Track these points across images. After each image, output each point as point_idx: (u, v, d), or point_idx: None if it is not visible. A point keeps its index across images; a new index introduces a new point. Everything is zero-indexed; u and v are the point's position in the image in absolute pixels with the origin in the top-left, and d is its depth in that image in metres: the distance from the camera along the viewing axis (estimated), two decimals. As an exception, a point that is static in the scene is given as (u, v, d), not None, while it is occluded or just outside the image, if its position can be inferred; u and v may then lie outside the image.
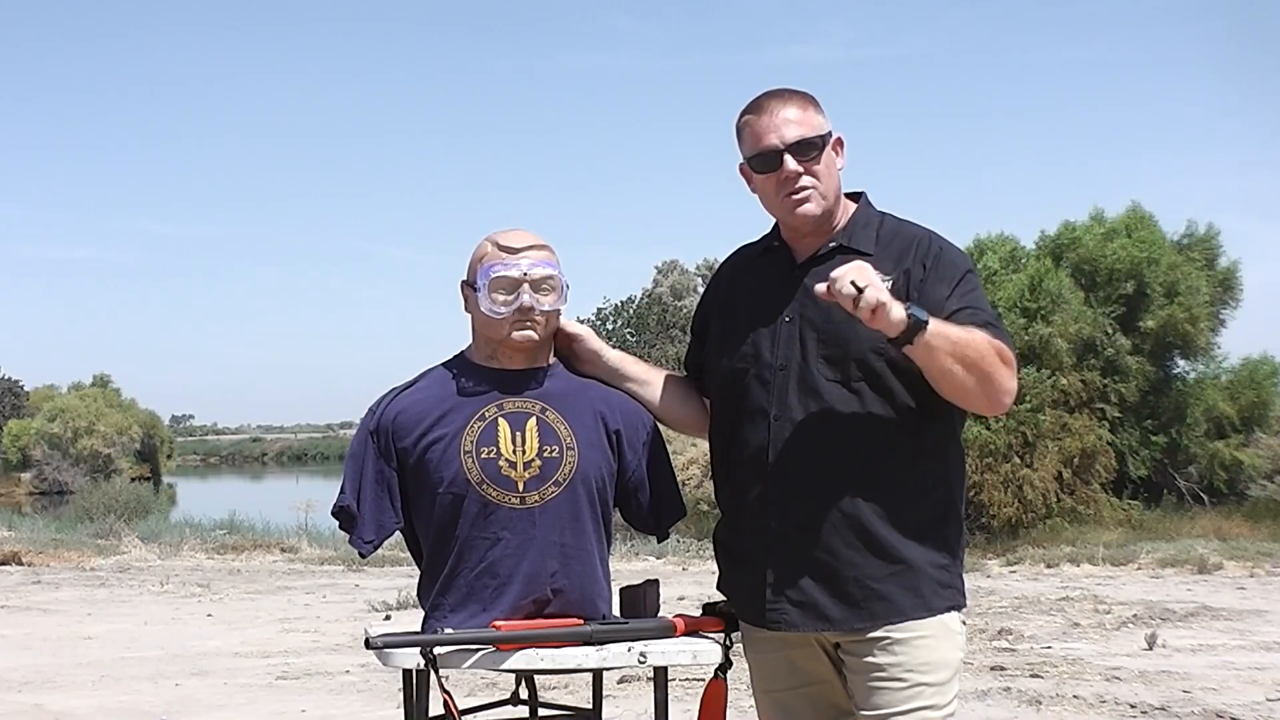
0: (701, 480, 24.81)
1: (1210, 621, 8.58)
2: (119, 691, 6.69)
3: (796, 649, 2.56)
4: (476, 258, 2.77)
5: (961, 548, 2.58)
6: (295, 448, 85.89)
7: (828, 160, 2.54)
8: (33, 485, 44.81)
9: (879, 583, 2.45)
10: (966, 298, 2.47)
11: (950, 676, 2.48)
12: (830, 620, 2.47)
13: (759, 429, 2.54)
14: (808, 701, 2.58)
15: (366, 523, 2.74)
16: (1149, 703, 5.96)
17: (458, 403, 2.73)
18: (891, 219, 2.61)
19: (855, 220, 2.59)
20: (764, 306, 2.58)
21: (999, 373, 2.43)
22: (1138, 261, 19.20)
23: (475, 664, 2.55)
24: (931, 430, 2.52)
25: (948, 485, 2.54)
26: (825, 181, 2.54)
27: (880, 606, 2.45)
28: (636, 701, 5.94)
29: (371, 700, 6.35)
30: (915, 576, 2.46)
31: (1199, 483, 19.33)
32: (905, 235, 2.56)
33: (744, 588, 2.60)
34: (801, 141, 2.51)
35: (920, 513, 2.49)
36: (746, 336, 2.59)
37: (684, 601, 8.86)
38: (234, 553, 14.84)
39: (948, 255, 2.52)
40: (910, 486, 2.48)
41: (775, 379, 2.52)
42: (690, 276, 39.52)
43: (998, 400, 2.47)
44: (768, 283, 2.61)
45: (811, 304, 2.49)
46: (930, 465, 2.51)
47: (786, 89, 2.57)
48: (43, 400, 50.99)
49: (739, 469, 2.60)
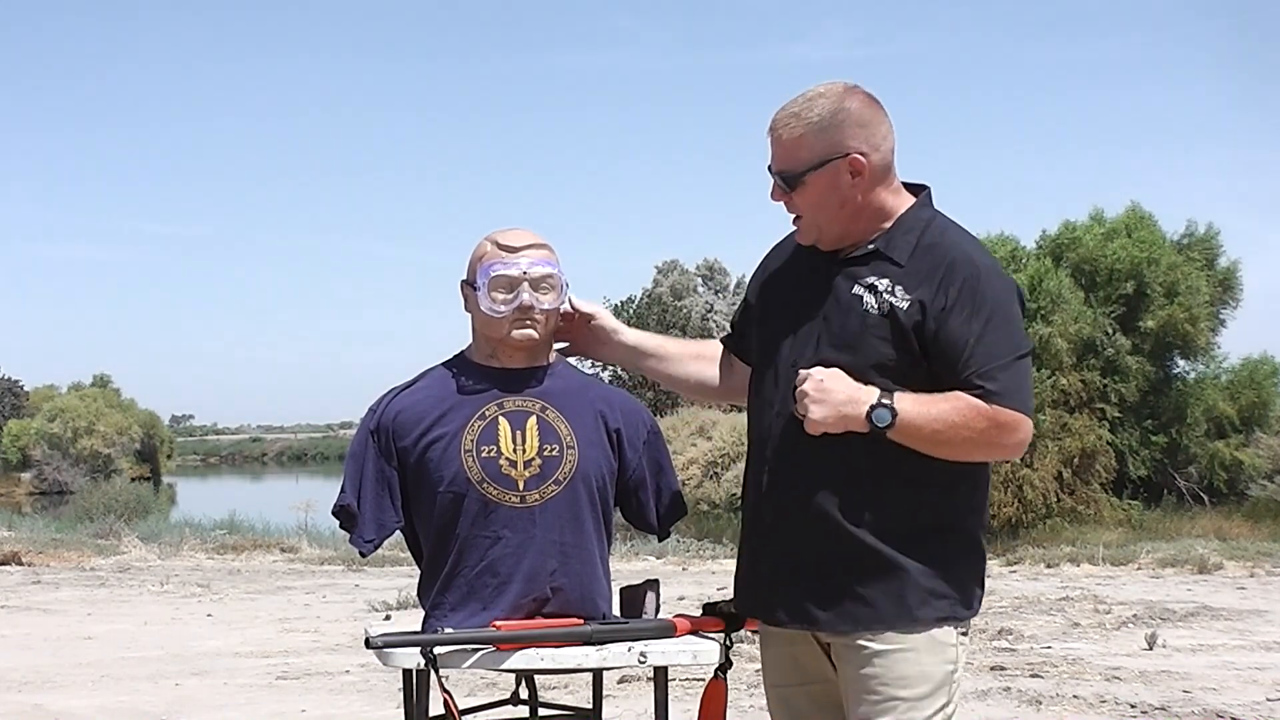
0: (701, 480, 24.86)
1: (1210, 621, 8.58)
2: (119, 691, 6.69)
3: (799, 645, 2.54)
4: (476, 257, 2.78)
5: (968, 558, 2.48)
6: (295, 448, 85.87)
7: (815, 190, 2.44)
8: (33, 485, 44.81)
9: (864, 588, 2.40)
10: (984, 342, 2.36)
11: (931, 690, 2.41)
12: (815, 621, 2.45)
13: (765, 421, 2.53)
14: (810, 699, 2.56)
15: (367, 522, 2.74)
16: (1149, 703, 5.96)
17: (458, 402, 2.74)
18: (937, 227, 2.48)
19: (901, 223, 2.48)
20: (793, 298, 2.55)
21: (989, 442, 2.37)
22: (1138, 261, 19.20)
23: (475, 664, 2.55)
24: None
25: (955, 494, 2.45)
26: (810, 210, 2.46)
27: (863, 612, 2.41)
28: (636, 701, 5.94)
29: (371, 700, 6.35)
30: (902, 584, 2.40)
31: (1199, 483, 19.34)
32: (940, 253, 2.43)
33: (744, 578, 2.59)
34: (781, 173, 2.47)
35: (915, 520, 2.41)
36: (772, 325, 2.57)
37: (684, 601, 8.86)
38: (234, 553, 14.84)
39: (982, 285, 2.40)
40: (906, 494, 2.41)
41: (785, 373, 2.48)
42: (690, 276, 39.51)
43: (1000, 457, 2.46)
44: (803, 273, 2.55)
45: (834, 304, 2.46)
46: (932, 474, 2.43)
47: (798, 107, 2.47)
48: (43, 400, 50.98)
49: (751, 457, 2.59)
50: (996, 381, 2.36)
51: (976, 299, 2.38)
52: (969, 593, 2.48)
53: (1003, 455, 2.46)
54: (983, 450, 2.41)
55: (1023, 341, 2.44)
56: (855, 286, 2.45)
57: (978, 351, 2.36)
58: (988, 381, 2.35)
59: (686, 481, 23.05)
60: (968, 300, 2.38)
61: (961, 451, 2.39)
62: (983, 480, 2.52)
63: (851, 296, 2.44)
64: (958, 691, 2.48)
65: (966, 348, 2.37)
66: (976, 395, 2.35)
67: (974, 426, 2.35)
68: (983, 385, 2.35)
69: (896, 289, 2.41)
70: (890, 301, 2.41)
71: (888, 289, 2.42)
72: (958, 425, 2.34)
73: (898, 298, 2.40)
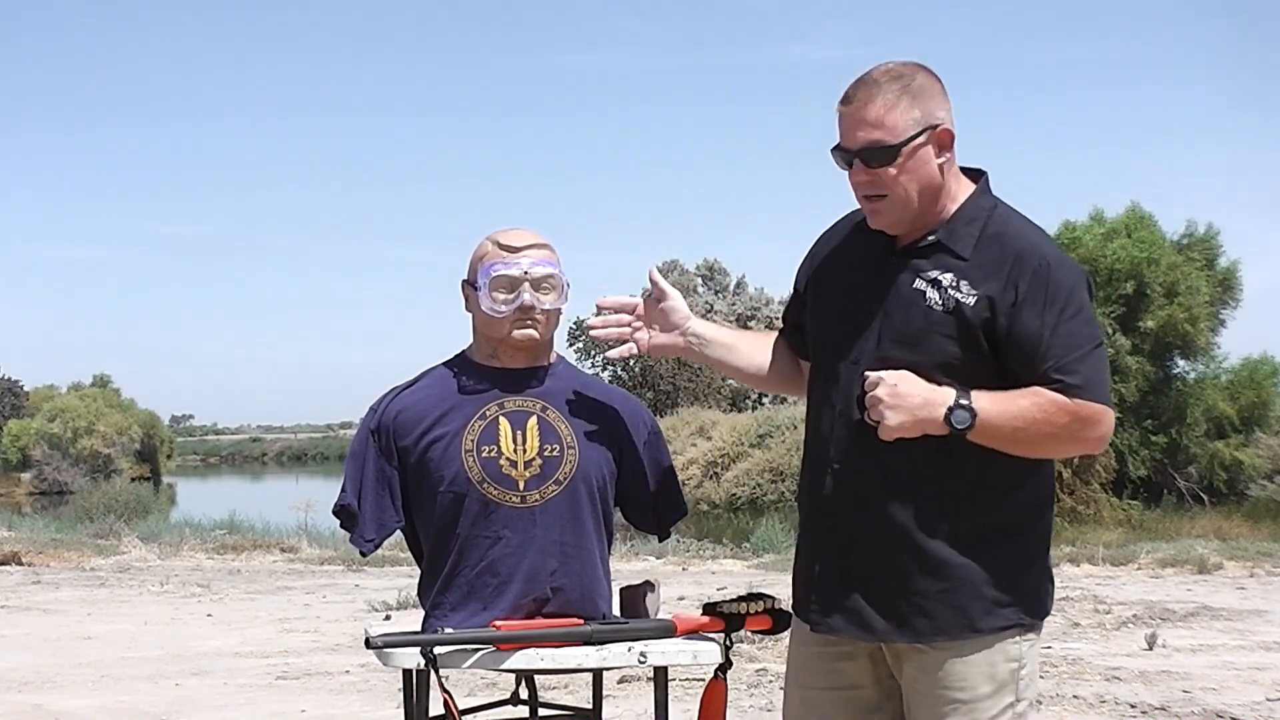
0: (701, 480, 24.88)
1: (1210, 621, 8.57)
2: (119, 691, 6.69)
3: (840, 649, 2.45)
4: (477, 257, 2.78)
5: (1039, 562, 2.42)
6: (295, 448, 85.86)
7: (913, 162, 2.32)
8: (33, 485, 44.81)
9: (925, 599, 2.32)
10: (1059, 335, 2.28)
11: (994, 690, 2.34)
12: (873, 630, 2.38)
13: (825, 420, 2.42)
14: (837, 704, 2.48)
15: (367, 522, 2.74)
16: (1149, 703, 5.96)
17: (459, 401, 2.74)
18: (1000, 216, 2.39)
19: (962, 213, 2.38)
20: (850, 290, 2.44)
21: (1073, 437, 2.31)
22: (1138, 261, 19.23)
23: (475, 664, 2.56)
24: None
25: (1023, 494, 2.38)
26: (902, 187, 2.33)
27: (923, 624, 2.34)
28: (636, 701, 5.94)
29: (371, 700, 6.35)
30: (965, 595, 2.32)
31: (1199, 483, 19.37)
32: (1008, 243, 2.34)
33: (798, 578, 2.51)
34: (870, 149, 2.32)
35: (985, 524, 2.34)
36: (829, 318, 2.47)
37: (684, 601, 8.86)
38: (234, 553, 14.82)
39: (1053, 276, 2.31)
40: (972, 499, 2.34)
41: (844, 372, 2.40)
42: (690, 276, 39.53)
43: (1082, 452, 2.43)
44: (861, 264, 2.44)
45: (895, 298, 2.36)
46: (1000, 478, 2.34)
47: (884, 76, 2.34)
48: (43, 400, 51.00)
49: (808, 455, 2.49)
50: (1077, 374, 2.28)
51: (1049, 291, 2.30)
52: (1038, 597, 2.42)
53: (1085, 450, 2.40)
54: (1066, 446, 2.35)
55: (1097, 331, 2.37)
56: (917, 280, 2.35)
57: (1054, 345, 2.29)
58: (1068, 375, 2.28)
59: (686, 481, 23.06)
60: (1039, 293, 2.30)
61: (1043, 449, 2.33)
62: (1048, 476, 2.45)
63: (913, 291, 2.35)
64: (1030, 689, 2.40)
65: (1042, 342, 2.29)
66: (1056, 389, 2.28)
67: (1056, 422, 2.28)
68: (1063, 379, 2.28)
69: (961, 284, 2.32)
70: (956, 298, 2.32)
71: (952, 284, 2.33)
72: (1040, 421, 2.27)
73: (963, 293, 2.31)
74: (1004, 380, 2.31)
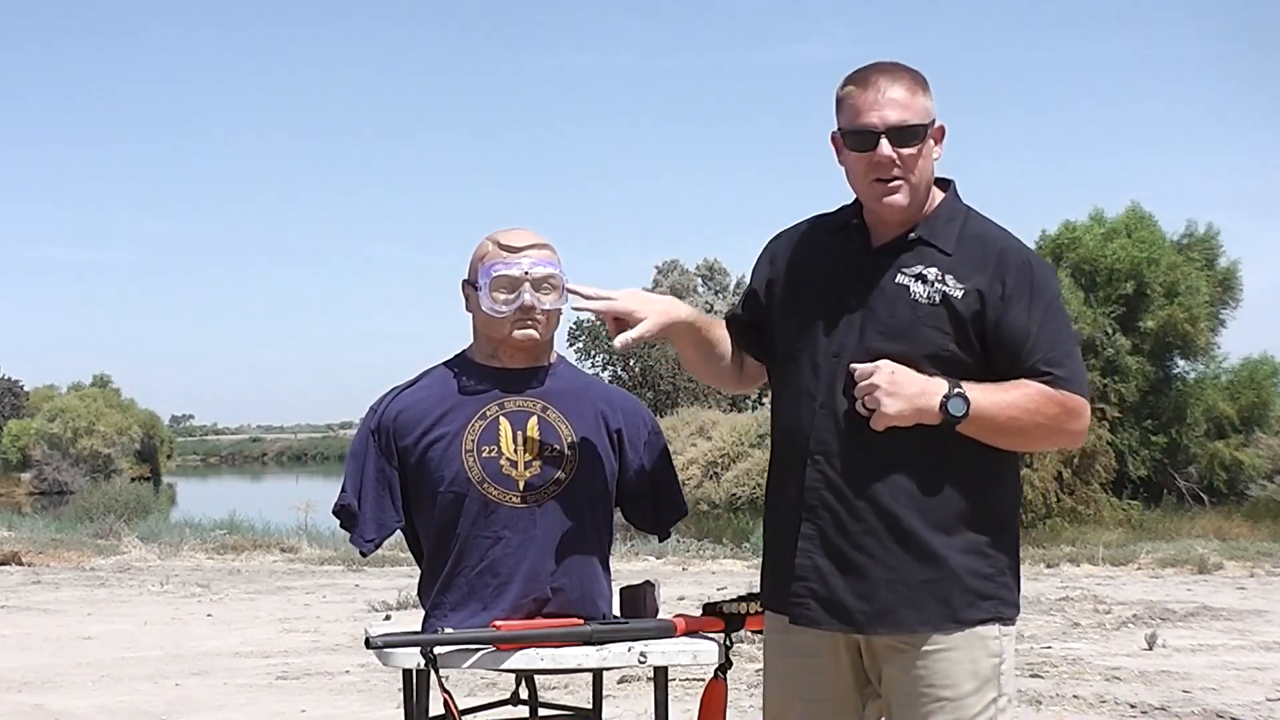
0: (701, 480, 24.88)
1: (1210, 621, 8.57)
2: (119, 691, 6.69)
3: (820, 657, 2.45)
4: (477, 257, 2.78)
5: (1015, 557, 2.45)
6: (295, 448, 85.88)
7: (927, 148, 2.39)
8: (33, 485, 44.82)
9: (910, 588, 2.34)
10: (1045, 330, 2.37)
11: (978, 686, 2.37)
12: (854, 622, 2.38)
13: (804, 412, 2.43)
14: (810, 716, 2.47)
15: (367, 522, 2.74)
16: (1149, 703, 5.96)
17: (459, 401, 2.74)
18: (977, 217, 2.47)
19: (940, 212, 2.45)
20: (828, 286, 2.46)
21: (1059, 428, 2.38)
22: (1138, 261, 19.24)
23: (475, 664, 2.56)
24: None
25: (1002, 489, 2.42)
26: (919, 172, 2.39)
27: (907, 614, 2.36)
28: (636, 701, 5.94)
29: (371, 700, 6.35)
30: (949, 586, 2.36)
31: (1199, 483, 19.38)
32: (989, 242, 2.42)
33: (774, 572, 2.51)
34: (903, 127, 2.35)
35: (969, 518, 2.37)
36: (805, 315, 2.48)
37: (684, 601, 8.86)
38: (234, 553, 14.82)
39: (1035, 275, 2.40)
40: (960, 489, 2.37)
41: (826, 364, 2.42)
42: (690, 276, 39.56)
43: (1065, 444, 2.48)
44: (838, 261, 2.48)
45: (877, 294, 2.40)
46: (984, 469, 2.38)
47: (898, 65, 2.41)
48: (43, 400, 51.01)
49: (781, 448, 2.50)
50: (1064, 367, 2.37)
51: (1033, 288, 2.38)
52: (1014, 591, 2.45)
53: (1068, 442, 2.46)
54: (1051, 437, 2.41)
55: (1073, 329, 2.47)
56: (899, 275, 2.39)
57: (1041, 339, 2.36)
58: (1055, 368, 2.36)
59: (686, 481, 23.06)
60: (1024, 289, 2.37)
61: (1030, 440, 2.40)
62: (1018, 471, 2.52)
63: (897, 286, 2.39)
64: (1010, 684, 2.43)
65: (1030, 336, 2.36)
66: (1044, 381, 2.35)
67: (1046, 413, 2.34)
68: (1050, 371, 2.35)
69: (947, 278, 2.37)
70: (943, 290, 2.36)
71: (938, 278, 2.37)
72: (1030, 412, 2.34)
73: (950, 286, 2.36)
74: (987, 373, 2.37)
